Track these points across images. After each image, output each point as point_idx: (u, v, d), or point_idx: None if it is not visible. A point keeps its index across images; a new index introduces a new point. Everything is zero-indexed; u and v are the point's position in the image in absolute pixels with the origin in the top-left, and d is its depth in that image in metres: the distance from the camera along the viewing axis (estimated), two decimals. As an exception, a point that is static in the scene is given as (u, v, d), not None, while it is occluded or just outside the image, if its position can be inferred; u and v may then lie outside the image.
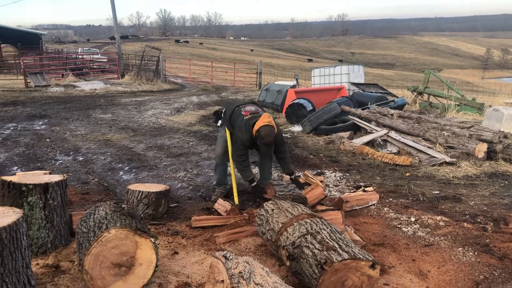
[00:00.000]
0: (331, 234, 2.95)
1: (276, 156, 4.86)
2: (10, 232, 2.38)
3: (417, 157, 6.75)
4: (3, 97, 14.47)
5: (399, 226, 4.17)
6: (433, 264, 3.37)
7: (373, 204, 4.73)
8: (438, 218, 4.27)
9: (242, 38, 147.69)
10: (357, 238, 3.72)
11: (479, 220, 4.25)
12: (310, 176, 5.54)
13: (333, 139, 8.17)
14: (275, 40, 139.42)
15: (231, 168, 4.90)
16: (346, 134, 8.27)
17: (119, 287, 2.77)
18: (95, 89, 17.47)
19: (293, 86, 13.51)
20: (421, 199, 4.95)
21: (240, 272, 2.41)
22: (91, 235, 2.82)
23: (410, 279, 3.15)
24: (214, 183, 5.21)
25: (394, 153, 7.14)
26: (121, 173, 6.17)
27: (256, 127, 4.43)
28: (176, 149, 7.61)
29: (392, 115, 8.65)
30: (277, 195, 4.90)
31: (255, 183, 4.79)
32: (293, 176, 4.90)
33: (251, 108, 4.76)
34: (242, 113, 4.67)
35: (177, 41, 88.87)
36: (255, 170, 5.95)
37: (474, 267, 3.31)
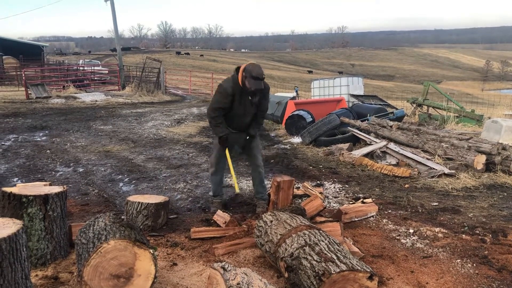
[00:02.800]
0: (329, 245, 2.96)
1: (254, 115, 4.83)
2: (10, 243, 2.39)
3: (416, 169, 6.77)
4: (4, 108, 14.54)
5: (397, 237, 4.17)
6: (432, 276, 3.37)
7: (372, 216, 4.74)
8: (437, 229, 4.28)
9: (243, 50, 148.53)
10: (356, 249, 3.72)
11: (477, 231, 4.26)
12: (309, 187, 5.56)
13: (333, 150, 8.20)
14: (276, 52, 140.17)
15: (228, 158, 4.85)
16: (345, 145, 8.29)
17: (118, 298, 2.78)
18: (96, 101, 17.54)
19: (293, 98, 13.58)
20: (420, 210, 4.96)
21: (238, 284, 2.42)
22: (90, 246, 2.83)
23: (409, 291, 3.15)
24: (211, 194, 5.16)
25: (393, 165, 7.16)
26: (121, 184, 6.19)
27: (241, 68, 4.44)
28: (176, 160, 7.64)
29: (391, 126, 8.69)
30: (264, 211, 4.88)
31: (223, 136, 4.67)
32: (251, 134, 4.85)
33: None
34: (233, 73, 4.69)
35: (178, 53, 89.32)
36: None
37: (472, 279, 3.31)
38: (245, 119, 4.77)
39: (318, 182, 6.25)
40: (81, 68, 30.15)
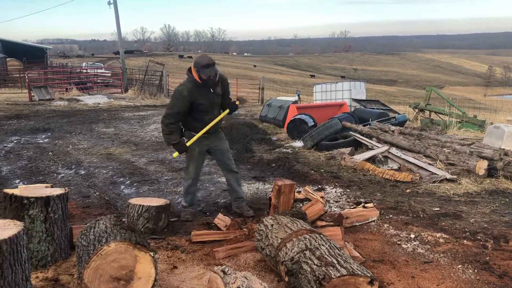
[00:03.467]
0: (330, 250, 2.96)
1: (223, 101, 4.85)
2: (10, 244, 2.40)
3: (417, 174, 6.76)
4: (7, 110, 14.59)
5: (399, 242, 4.16)
6: (433, 281, 3.36)
7: (373, 221, 4.73)
8: (438, 235, 4.27)
9: (245, 54, 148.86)
10: (357, 254, 3.72)
11: (479, 237, 4.24)
12: (311, 191, 5.55)
13: (334, 155, 8.19)
14: (278, 56, 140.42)
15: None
16: (347, 150, 8.29)
17: (118, 301, 2.78)
18: (99, 103, 17.58)
19: (295, 102, 13.58)
20: (421, 215, 4.95)
21: (238, 287, 2.42)
22: (91, 248, 2.83)
23: (409, 296, 3.14)
24: (187, 204, 4.96)
25: (395, 170, 7.14)
26: (122, 187, 6.20)
27: (192, 66, 4.47)
28: (177, 163, 7.64)
29: (393, 131, 8.68)
30: (252, 215, 4.88)
31: (176, 142, 4.64)
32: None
33: None
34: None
35: (181, 56, 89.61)
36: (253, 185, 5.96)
37: (473, 285, 3.30)
38: (213, 112, 4.72)
39: (320, 186, 6.24)
40: (84, 70, 30.24)
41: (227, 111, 4.81)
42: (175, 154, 4.74)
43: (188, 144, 4.69)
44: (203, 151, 4.87)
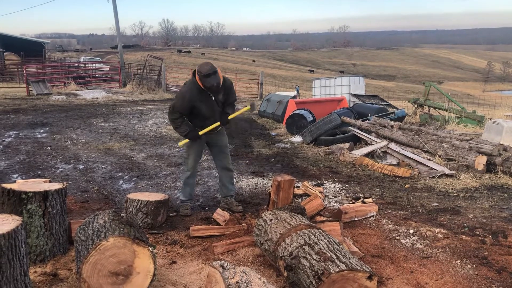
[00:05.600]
0: (329, 245, 2.96)
1: (224, 105, 4.84)
2: (8, 239, 2.39)
3: (416, 169, 6.76)
4: (5, 105, 14.54)
5: (397, 237, 4.17)
6: (431, 277, 3.37)
7: (372, 216, 4.73)
8: (437, 230, 4.28)
9: (244, 49, 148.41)
10: (355, 249, 3.72)
11: (477, 232, 4.25)
12: (310, 187, 5.55)
13: (333, 150, 8.18)
14: (277, 51, 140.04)
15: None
16: (346, 145, 8.28)
17: (117, 296, 2.77)
18: (97, 98, 17.53)
19: (294, 97, 13.56)
20: (420, 211, 4.95)
21: (237, 282, 2.42)
22: (90, 243, 2.82)
23: (408, 291, 3.15)
24: (185, 198, 4.96)
25: (394, 165, 7.14)
26: (121, 182, 6.19)
27: (196, 71, 4.46)
28: (176, 158, 7.63)
29: (392, 126, 8.67)
30: (241, 210, 4.89)
31: (189, 133, 4.68)
32: (226, 113, 4.82)
33: None
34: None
35: (179, 51, 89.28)
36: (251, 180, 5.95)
37: (472, 280, 3.31)
38: (214, 117, 4.74)
39: (318, 181, 6.24)
40: (82, 65, 30.12)
41: (218, 123, 4.79)
42: (181, 143, 4.85)
43: (200, 133, 4.75)
44: (203, 143, 4.89)
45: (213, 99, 4.61)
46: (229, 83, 4.75)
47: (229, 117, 4.84)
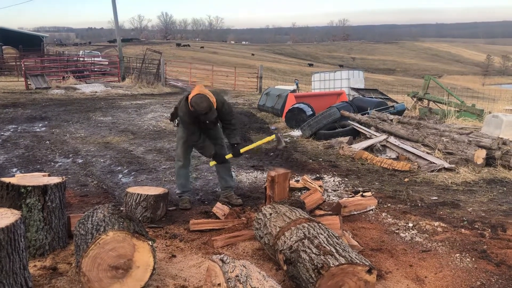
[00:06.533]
0: (329, 238, 2.96)
1: (223, 128, 4.83)
2: (8, 233, 2.39)
3: (416, 163, 6.76)
4: (3, 99, 14.50)
5: (397, 231, 4.17)
6: (430, 270, 3.37)
7: (371, 209, 4.74)
8: (436, 224, 4.28)
9: (244, 43, 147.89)
10: (355, 243, 3.72)
11: (477, 226, 4.26)
12: (309, 180, 5.55)
13: (333, 144, 8.18)
14: (276, 45, 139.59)
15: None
16: (345, 139, 8.28)
17: (116, 289, 2.78)
18: (96, 92, 17.50)
19: (293, 91, 13.54)
20: (419, 204, 4.95)
21: (236, 276, 2.42)
22: (89, 237, 2.82)
23: (407, 285, 3.15)
24: (180, 191, 4.95)
25: (393, 159, 7.15)
26: (120, 176, 6.18)
27: (189, 101, 4.37)
28: (175, 152, 7.62)
29: (391, 120, 8.67)
30: (241, 203, 4.90)
31: (215, 153, 4.71)
32: (235, 144, 4.76)
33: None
34: (184, 98, 4.60)
35: (178, 44, 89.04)
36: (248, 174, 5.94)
37: (471, 273, 3.31)
38: (210, 137, 4.80)
39: (318, 175, 6.24)
40: (81, 59, 30.03)
41: (214, 162, 4.80)
42: (212, 163, 4.87)
43: (241, 151, 4.78)
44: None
45: (206, 122, 4.54)
46: (220, 105, 4.56)
47: (245, 149, 4.81)
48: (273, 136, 4.80)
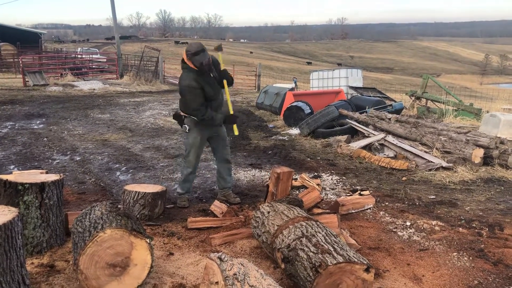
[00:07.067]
0: (326, 237, 2.96)
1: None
2: (5, 231, 2.38)
3: (413, 162, 6.77)
4: (1, 96, 14.45)
5: (394, 230, 4.18)
6: (428, 269, 3.38)
7: (369, 208, 4.74)
8: (434, 222, 4.29)
9: (242, 40, 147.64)
10: (353, 241, 3.73)
11: (474, 225, 4.26)
12: (307, 179, 5.55)
13: (331, 142, 8.19)
14: (275, 43, 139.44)
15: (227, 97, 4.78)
16: (343, 137, 8.28)
17: (114, 287, 2.77)
18: (94, 89, 17.45)
19: (292, 89, 13.53)
20: (417, 203, 4.96)
21: (234, 274, 2.42)
22: (87, 235, 2.82)
23: (405, 283, 3.16)
24: (183, 191, 4.91)
25: (391, 157, 7.15)
26: (118, 173, 6.17)
27: (184, 55, 4.40)
28: (173, 150, 7.61)
29: (389, 119, 8.67)
30: (239, 201, 4.90)
31: (225, 118, 4.71)
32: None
33: None
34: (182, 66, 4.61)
35: (177, 42, 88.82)
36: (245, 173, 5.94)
37: (468, 272, 3.32)
38: (218, 97, 4.69)
39: (316, 173, 6.24)
40: (79, 56, 29.95)
41: (225, 82, 4.69)
42: (236, 132, 4.79)
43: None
44: (205, 139, 4.83)
45: (211, 75, 4.54)
46: (214, 57, 4.69)
47: (229, 105, 4.82)
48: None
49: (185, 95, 4.54)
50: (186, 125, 4.71)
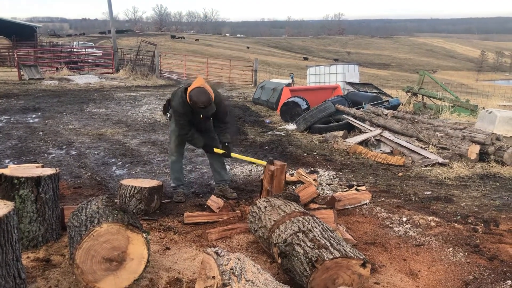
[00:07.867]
0: (323, 232, 2.96)
1: (215, 127, 4.79)
2: (0, 224, 2.36)
3: (410, 158, 6.79)
4: (-4, 89, 14.37)
5: (390, 225, 4.19)
6: (424, 264, 3.39)
7: (366, 203, 4.75)
8: (430, 218, 4.30)
9: (239, 35, 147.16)
10: (349, 236, 3.73)
11: (470, 221, 4.28)
12: (304, 174, 5.55)
13: (327, 138, 8.19)
14: (271, 38, 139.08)
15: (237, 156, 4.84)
16: (340, 133, 8.29)
17: (110, 281, 2.77)
18: (90, 83, 17.37)
19: (288, 84, 13.51)
20: (413, 199, 4.98)
21: (231, 269, 2.42)
22: (83, 229, 2.81)
23: (401, 278, 3.17)
24: (175, 184, 4.92)
25: (387, 153, 7.16)
26: (114, 168, 6.16)
27: (188, 92, 4.31)
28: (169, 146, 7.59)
29: (386, 115, 8.68)
30: (235, 197, 4.89)
31: (205, 145, 4.71)
32: (226, 143, 4.75)
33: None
34: (182, 89, 4.52)
35: (173, 36, 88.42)
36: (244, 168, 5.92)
37: (464, 268, 3.34)
38: (200, 128, 4.73)
39: (312, 169, 6.24)
40: (75, 50, 29.79)
41: (223, 151, 4.74)
42: (220, 151, 4.78)
43: (233, 155, 4.80)
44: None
45: (201, 116, 4.47)
46: (218, 101, 4.52)
47: (235, 156, 4.82)
48: (265, 163, 4.57)
49: (174, 114, 4.63)
50: (168, 113, 4.77)
